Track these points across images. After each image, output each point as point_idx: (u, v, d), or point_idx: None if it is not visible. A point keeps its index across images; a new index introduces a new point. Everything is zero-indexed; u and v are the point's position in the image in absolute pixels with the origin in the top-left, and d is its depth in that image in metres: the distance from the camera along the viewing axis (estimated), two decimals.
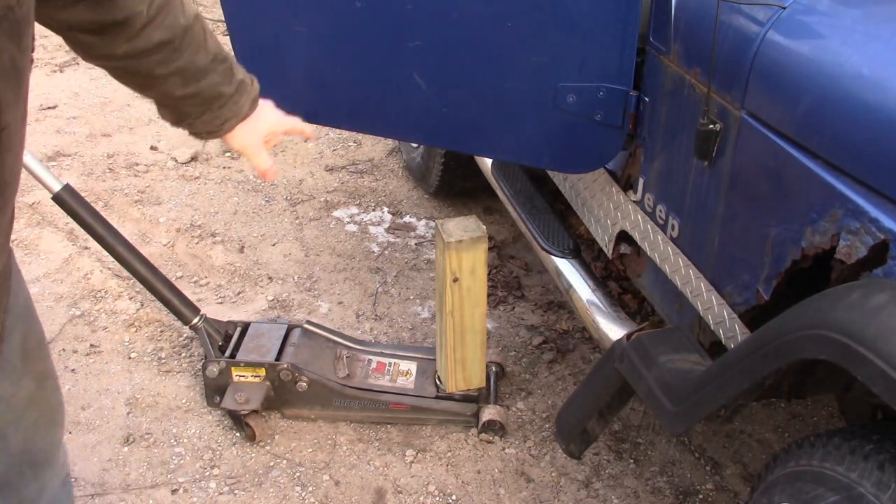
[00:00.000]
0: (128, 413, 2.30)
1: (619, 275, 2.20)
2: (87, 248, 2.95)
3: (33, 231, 3.06)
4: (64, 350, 2.51)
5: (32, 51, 0.98)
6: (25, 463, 1.30)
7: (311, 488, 2.10)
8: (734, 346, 1.48)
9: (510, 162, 2.57)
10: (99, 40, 1.13)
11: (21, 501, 1.31)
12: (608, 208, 2.01)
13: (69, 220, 2.24)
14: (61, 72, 4.33)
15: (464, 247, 1.96)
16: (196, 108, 1.30)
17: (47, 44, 4.59)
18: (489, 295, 2.39)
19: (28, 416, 1.28)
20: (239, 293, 2.80)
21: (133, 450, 2.19)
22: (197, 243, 3.05)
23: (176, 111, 1.31)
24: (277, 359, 2.24)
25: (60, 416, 1.37)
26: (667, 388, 1.51)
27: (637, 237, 1.89)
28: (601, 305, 2.05)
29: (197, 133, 1.36)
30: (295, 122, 1.49)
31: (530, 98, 1.84)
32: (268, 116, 1.43)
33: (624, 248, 1.99)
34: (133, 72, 1.21)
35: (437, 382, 2.26)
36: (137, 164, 3.52)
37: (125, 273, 2.52)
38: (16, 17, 0.90)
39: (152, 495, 2.07)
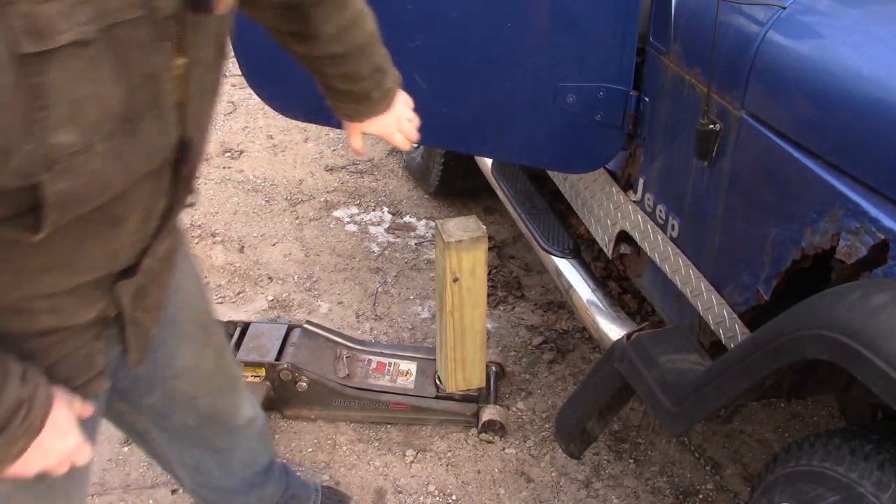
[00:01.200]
0: None
1: (619, 275, 2.21)
2: None
3: None
4: None
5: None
6: (214, 422, 1.55)
7: None
8: (734, 346, 1.48)
9: (510, 162, 2.57)
10: (289, 39, 1.36)
11: (217, 451, 1.60)
12: (608, 208, 2.01)
13: None
14: None
15: (464, 247, 1.96)
16: (344, 100, 1.48)
17: None
18: (489, 295, 2.39)
19: (214, 385, 1.50)
20: (239, 293, 2.80)
21: (133, 450, 2.19)
22: (197, 243, 3.05)
23: (328, 94, 1.49)
24: (277, 359, 2.24)
25: (242, 383, 1.62)
26: (667, 388, 1.51)
27: (637, 237, 1.89)
28: (601, 305, 2.05)
29: (336, 111, 1.53)
30: (398, 137, 1.59)
31: (530, 98, 1.84)
32: (389, 118, 1.55)
33: (624, 248, 1.99)
34: (306, 62, 1.42)
35: (437, 382, 2.26)
36: None
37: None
38: (223, 41, 1.03)
39: (152, 495, 2.07)
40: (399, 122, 1.56)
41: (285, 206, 3.31)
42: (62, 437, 1.00)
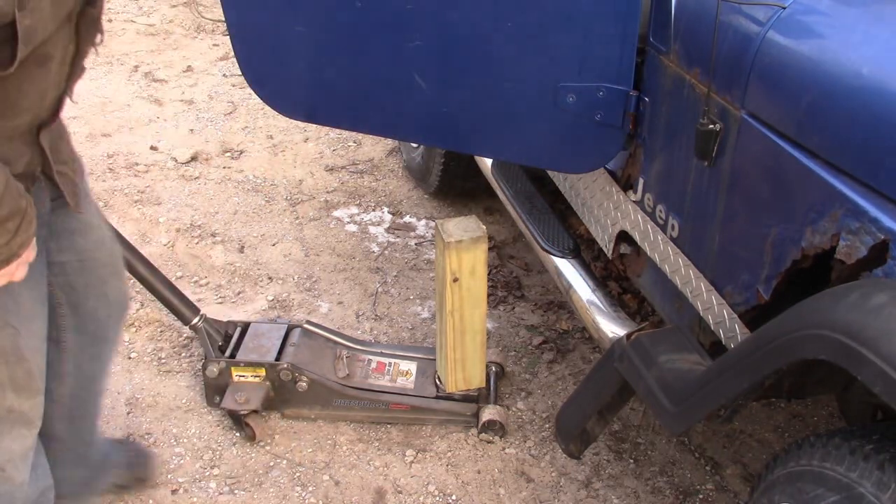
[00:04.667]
0: (128, 413, 2.30)
1: (619, 275, 2.20)
2: None
3: None
4: None
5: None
6: (117, 308, 1.76)
7: (311, 488, 2.10)
8: (734, 346, 1.48)
9: (510, 162, 2.57)
10: None
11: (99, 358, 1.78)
12: (608, 208, 2.01)
13: None
14: None
15: (464, 247, 1.96)
16: None
17: None
18: (489, 295, 2.39)
19: (114, 261, 1.71)
20: (239, 293, 2.80)
21: None
22: (197, 243, 3.05)
23: None
24: (277, 359, 2.24)
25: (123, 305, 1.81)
26: (667, 388, 1.51)
27: (637, 237, 1.89)
28: (601, 305, 2.05)
29: None
30: None
31: (530, 98, 1.84)
32: None
33: (624, 248, 1.99)
34: None
35: (437, 382, 2.26)
36: (137, 164, 3.52)
37: (125, 273, 2.51)
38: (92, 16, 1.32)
39: (152, 495, 2.07)
40: None
41: (285, 206, 3.31)
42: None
